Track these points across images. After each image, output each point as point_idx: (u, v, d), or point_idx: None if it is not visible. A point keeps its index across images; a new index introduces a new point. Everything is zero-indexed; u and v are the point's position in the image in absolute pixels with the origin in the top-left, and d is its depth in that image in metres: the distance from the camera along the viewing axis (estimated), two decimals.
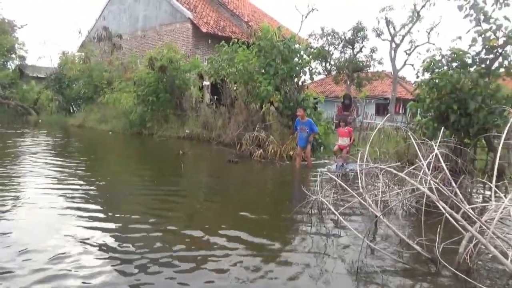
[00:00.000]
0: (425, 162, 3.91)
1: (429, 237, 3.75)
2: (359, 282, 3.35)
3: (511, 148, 8.80)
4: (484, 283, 3.26)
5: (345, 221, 4.30)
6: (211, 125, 13.68)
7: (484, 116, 8.32)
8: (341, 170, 8.13)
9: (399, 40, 22.09)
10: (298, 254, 3.93)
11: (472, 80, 8.47)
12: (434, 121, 9.16)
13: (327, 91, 30.26)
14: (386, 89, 27.97)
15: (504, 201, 3.44)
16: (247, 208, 5.65)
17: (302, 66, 11.53)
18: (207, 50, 19.09)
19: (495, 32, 8.67)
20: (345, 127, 9.16)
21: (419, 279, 3.41)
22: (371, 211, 4.12)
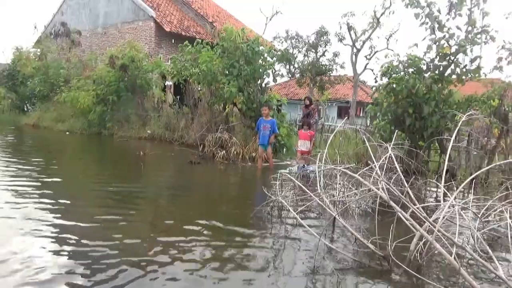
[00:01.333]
0: (378, 163, 4.04)
1: (383, 236, 3.87)
2: (316, 281, 3.40)
3: (461, 151, 9.28)
4: (432, 279, 3.41)
5: (304, 221, 4.37)
6: (174, 126, 13.48)
7: (437, 120, 8.74)
8: (303, 171, 8.25)
9: (360, 45, 22.82)
10: (257, 254, 3.95)
11: (426, 86, 8.88)
12: (391, 124, 9.51)
13: (291, 93, 30.69)
14: (347, 93, 28.74)
15: (452, 200, 3.62)
16: (207, 209, 5.62)
17: (266, 68, 11.61)
18: (170, 50, 18.82)
19: (448, 41, 9.12)
20: (308, 130, 9.28)
21: (373, 277, 3.51)
22: (329, 211, 4.20)
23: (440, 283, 3.34)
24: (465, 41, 8.82)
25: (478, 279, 3.53)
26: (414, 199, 3.77)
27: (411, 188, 5.06)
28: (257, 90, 11.36)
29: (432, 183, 5.63)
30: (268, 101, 11.18)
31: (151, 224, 4.86)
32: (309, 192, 4.37)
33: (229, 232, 4.59)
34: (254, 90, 11.29)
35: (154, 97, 15.61)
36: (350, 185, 5.60)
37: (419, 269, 3.47)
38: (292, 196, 5.26)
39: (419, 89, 8.71)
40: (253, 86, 11.33)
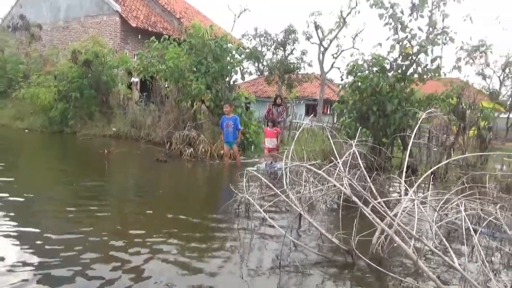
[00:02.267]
0: (341, 160, 4.13)
1: (347, 231, 3.95)
2: (282, 277, 3.44)
3: (422, 147, 9.63)
4: (393, 270, 3.53)
5: (270, 218, 4.40)
6: (140, 123, 13.20)
7: (400, 117, 9.03)
8: (270, 168, 8.30)
9: (327, 44, 23.18)
10: (224, 251, 3.95)
11: (389, 84, 9.15)
12: (356, 121, 9.73)
13: (259, 91, 30.78)
14: (315, 91, 29.15)
15: (410, 195, 3.75)
16: (175, 207, 5.55)
17: (234, 66, 11.58)
18: (137, 46, 18.40)
19: (410, 41, 9.43)
20: (273, 128, 9.33)
21: (337, 270, 3.58)
22: (294, 208, 4.25)
23: (400, 274, 3.46)
24: (426, 41, 9.16)
25: (436, 269, 3.68)
26: (376, 194, 3.87)
27: (374, 183, 5.21)
28: (225, 88, 11.32)
29: (396, 178, 5.80)
30: (236, 98, 11.16)
31: (115, 223, 4.74)
32: (275, 189, 4.40)
33: (196, 229, 4.57)
34: (222, 87, 11.24)
35: (119, 94, 15.20)
36: (316, 181, 5.69)
37: (381, 261, 3.58)
38: (259, 193, 5.28)
39: (382, 87, 8.96)
40: (221, 83, 11.28)
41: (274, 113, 11.74)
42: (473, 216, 4.54)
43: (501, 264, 3.96)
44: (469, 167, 8.43)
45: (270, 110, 12.09)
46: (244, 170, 5.42)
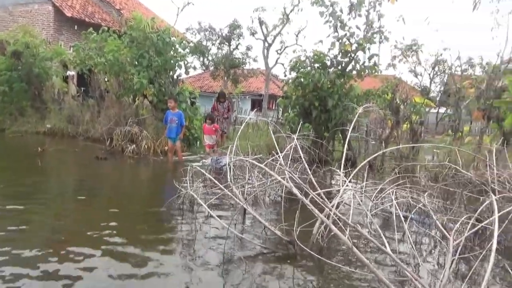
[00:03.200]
0: (282, 154, 4.23)
1: (290, 222, 4.06)
2: (227, 270, 3.46)
3: (361, 141, 10.13)
4: (333, 259, 3.69)
5: (215, 213, 4.40)
6: (78, 119, 12.50)
7: (340, 112, 9.41)
8: (216, 164, 8.28)
9: (271, 40, 23.46)
10: (168, 246, 3.91)
11: (330, 80, 9.48)
12: (299, 116, 9.99)
13: (205, 86, 30.49)
14: (260, 86, 29.43)
15: (348, 186, 3.94)
16: (116, 204, 5.37)
17: (178, 60, 11.35)
18: (73, 37, 17.38)
19: (349, 39, 9.83)
20: (211, 125, 9.29)
21: (280, 261, 3.68)
22: (239, 202, 4.28)
23: (338, 262, 3.63)
24: (364, 40, 9.60)
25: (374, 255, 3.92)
26: (316, 186, 4.01)
27: (316, 176, 5.39)
28: (169, 82, 11.07)
29: (336, 171, 6.05)
30: (180, 93, 10.96)
31: (49, 226, 4.48)
32: (219, 184, 4.40)
33: (139, 226, 4.47)
34: (166, 82, 10.99)
35: (54, 88, 14.27)
36: (261, 175, 5.77)
37: (321, 250, 3.73)
38: (203, 188, 5.26)
39: (324, 83, 9.27)
40: (164, 77, 11.01)
41: (219, 109, 11.59)
42: (405, 204, 4.88)
43: (429, 247, 4.29)
44: (402, 158, 9.00)
45: (215, 106, 11.93)
46: (188, 166, 5.36)
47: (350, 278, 3.40)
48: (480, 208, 3.48)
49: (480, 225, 3.32)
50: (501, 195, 4.37)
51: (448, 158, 7.69)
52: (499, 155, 6.49)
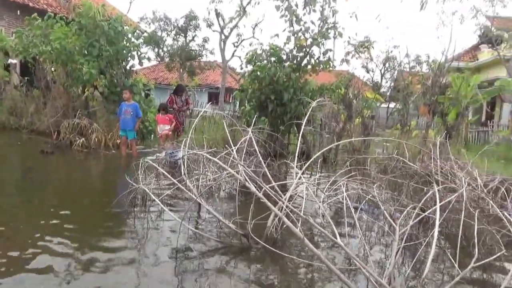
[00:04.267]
0: (235, 147, 4.22)
1: (245, 215, 4.07)
2: (179, 264, 3.41)
3: (316, 134, 10.35)
4: (287, 251, 3.74)
5: (169, 208, 4.31)
6: (21, 111, 11.73)
7: (295, 106, 9.55)
8: (170, 157, 8.11)
9: (228, 33, 23.29)
10: (120, 243, 3.78)
11: (286, 74, 9.57)
12: (255, 109, 10.02)
13: (160, 78, 29.79)
14: (217, 79, 29.18)
15: (302, 179, 4.01)
16: (63, 202, 5.12)
17: (130, 50, 10.95)
18: (15, 23, 16.23)
19: (304, 33, 9.96)
20: (165, 115, 9.09)
21: (234, 255, 3.68)
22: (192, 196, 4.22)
23: (292, 253, 3.69)
24: (318, 35, 9.77)
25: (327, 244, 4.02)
26: (271, 179, 4.04)
27: (271, 169, 5.44)
28: (121, 73, 10.66)
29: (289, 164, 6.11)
30: (133, 85, 10.61)
31: None
32: (171, 178, 4.31)
33: (89, 222, 4.30)
34: (118, 72, 10.57)
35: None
36: (216, 169, 5.73)
37: (275, 242, 3.76)
38: (157, 183, 5.13)
39: (279, 77, 9.35)
40: (116, 68, 10.59)
41: (178, 102, 11.23)
42: (356, 195, 5.04)
43: (378, 236, 4.47)
44: (354, 151, 9.30)
45: (172, 99, 11.51)
46: (141, 160, 5.21)
47: (303, 269, 3.47)
48: (424, 198, 3.66)
49: (424, 214, 3.50)
50: (443, 186, 4.64)
51: (396, 151, 8.05)
52: (443, 148, 6.89)
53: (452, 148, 7.75)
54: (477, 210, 3.64)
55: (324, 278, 3.32)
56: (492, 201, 4.35)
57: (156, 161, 6.67)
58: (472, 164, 6.09)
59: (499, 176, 5.52)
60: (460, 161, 6.35)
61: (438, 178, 5.29)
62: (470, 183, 4.97)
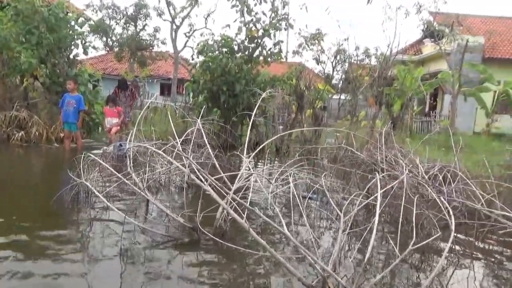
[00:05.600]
0: (180, 139, 4.14)
1: (194, 208, 4.00)
2: (124, 261, 3.29)
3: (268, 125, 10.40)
4: (236, 242, 3.73)
5: (115, 204, 4.15)
6: None
7: (247, 97, 9.54)
8: (120, 151, 7.82)
9: (180, 22, 22.74)
10: (63, 240, 3.59)
11: (237, 65, 9.52)
12: (208, 101, 9.90)
13: (109, 68, 28.61)
14: (170, 70, 28.48)
15: (251, 170, 4.00)
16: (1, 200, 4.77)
17: (74, 38, 10.37)
18: None
19: (255, 24, 9.94)
20: (114, 107, 8.74)
21: (183, 249, 3.61)
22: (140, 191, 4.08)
23: (241, 244, 3.68)
24: (269, 26, 9.79)
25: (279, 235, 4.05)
26: (220, 170, 4.00)
27: (222, 161, 5.40)
28: (64, 63, 10.09)
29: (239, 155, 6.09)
30: (78, 75, 10.08)
31: None
32: (115, 172, 4.14)
33: (28, 223, 4.02)
34: (60, 62, 10.00)
35: None
36: (166, 162, 5.58)
37: (224, 234, 3.73)
38: (100, 177, 4.92)
39: (231, 68, 9.28)
40: (58, 57, 10.00)
41: (121, 98, 10.63)
42: (306, 185, 5.13)
43: (325, 224, 4.58)
44: (306, 142, 9.47)
45: (116, 94, 10.91)
46: (87, 154, 4.96)
47: (252, 260, 3.47)
48: (367, 186, 3.78)
49: (366, 201, 3.62)
50: (387, 173, 4.83)
51: (346, 141, 8.29)
52: (388, 137, 7.18)
53: (397, 137, 8.12)
54: (416, 195, 3.82)
55: (272, 268, 3.34)
56: (431, 187, 4.60)
57: (103, 154, 6.40)
58: (414, 152, 6.40)
59: (439, 163, 5.83)
60: (404, 149, 6.65)
61: (383, 166, 5.51)
62: (412, 170, 5.22)
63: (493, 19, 22.78)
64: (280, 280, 3.12)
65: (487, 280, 3.41)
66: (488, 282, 3.38)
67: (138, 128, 5.38)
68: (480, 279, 3.40)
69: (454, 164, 5.52)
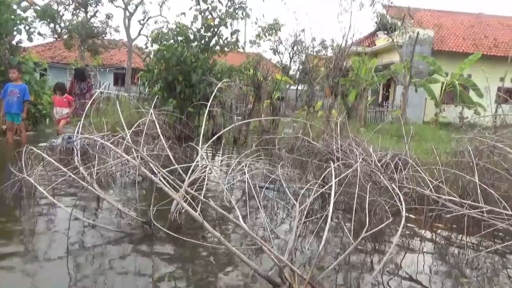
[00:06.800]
0: (130, 131, 3.97)
1: (148, 202, 3.85)
2: (72, 259, 3.11)
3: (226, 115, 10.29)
4: (192, 235, 3.64)
5: (59, 199, 3.91)
6: None
7: (204, 87, 9.36)
8: (68, 143, 7.41)
9: (133, 9, 21.95)
10: (4, 244, 3.32)
11: (193, 54, 9.31)
12: (163, 91, 9.62)
13: (58, 56, 27.13)
14: (124, 59, 27.49)
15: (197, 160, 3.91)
16: None
17: (16, 23, 9.67)
18: None
19: (211, 13, 9.74)
20: (63, 96, 8.27)
21: (136, 244, 3.47)
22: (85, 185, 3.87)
23: (197, 238, 3.60)
24: (226, 14, 9.63)
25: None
26: (174, 162, 3.87)
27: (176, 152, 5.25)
28: (5, 49, 9.40)
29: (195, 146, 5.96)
30: (21, 63, 9.43)
31: None
32: (61, 167, 3.89)
33: None
34: (1, 48, 9.30)
35: None
36: (119, 155, 5.35)
37: (178, 228, 3.63)
38: (47, 172, 4.62)
39: (187, 57, 9.05)
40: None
41: (76, 90, 9.95)
42: (263, 175, 5.11)
43: (282, 214, 4.59)
44: (264, 132, 9.48)
45: (72, 86, 10.20)
46: (30, 147, 4.63)
47: (209, 253, 3.40)
48: (323, 175, 3.82)
49: (321, 190, 3.66)
50: (342, 162, 4.91)
51: (302, 131, 8.37)
52: (343, 127, 7.32)
53: (351, 127, 8.30)
54: (370, 183, 3.91)
55: (229, 260, 3.29)
56: (384, 174, 4.74)
57: (50, 147, 6.03)
58: (368, 141, 6.57)
59: (391, 151, 6.02)
60: (358, 139, 6.81)
61: (338, 155, 5.60)
62: (366, 158, 5.35)
63: (442, 13, 23.90)
64: (236, 272, 3.08)
65: (436, 262, 3.56)
66: (437, 264, 3.53)
67: (88, 119, 5.10)
68: (429, 261, 3.55)
69: (405, 152, 5.72)
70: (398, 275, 3.20)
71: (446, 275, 3.29)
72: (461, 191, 4.79)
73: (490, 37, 21.55)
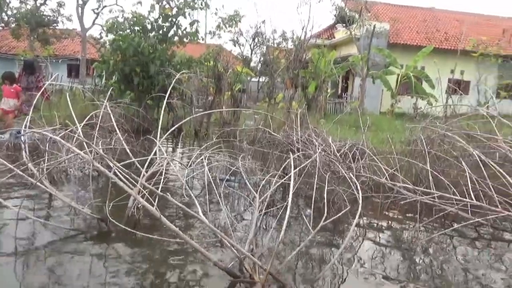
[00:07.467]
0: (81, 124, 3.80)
1: (104, 198, 3.71)
2: (23, 263, 2.94)
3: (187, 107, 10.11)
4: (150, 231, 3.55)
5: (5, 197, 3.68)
6: None
7: (163, 79, 9.13)
8: (17, 138, 6.99)
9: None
10: None
11: (151, 45, 9.04)
12: (120, 83, 9.30)
13: (5, 46, 25.55)
14: (78, 49, 26.26)
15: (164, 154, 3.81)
16: None
17: None
18: None
19: (169, 2, 9.49)
20: (12, 86, 7.78)
21: (92, 242, 3.34)
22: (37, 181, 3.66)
23: (156, 233, 3.51)
24: (184, 4, 9.42)
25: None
26: (131, 155, 3.75)
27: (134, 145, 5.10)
28: None
29: (167, 139, 5.80)
30: None
31: None
32: (6, 163, 3.65)
33: None
34: None
35: None
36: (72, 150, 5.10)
37: (136, 224, 3.53)
38: None
39: (144, 48, 8.79)
40: None
41: (23, 82, 9.15)
42: (224, 167, 5.07)
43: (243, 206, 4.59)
44: (225, 124, 9.40)
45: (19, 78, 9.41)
46: None
47: (168, 248, 3.33)
48: (283, 166, 3.84)
49: (281, 181, 3.68)
50: (302, 153, 4.97)
51: (264, 123, 8.39)
52: (303, 118, 7.41)
53: (311, 118, 8.43)
54: (328, 173, 3.98)
55: (189, 254, 3.24)
56: (342, 164, 4.84)
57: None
58: (327, 132, 6.68)
59: (349, 141, 6.16)
60: (318, 129, 6.91)
61: (298, 146, 5.66)
62: (325, 149, 5.44)
63: (397, 7, 24.69)
64: (196, 266, 3.04)
65: (391, 247, 3.70)
66: (392, 248, 3.67)
67: (38, 113, 4.82)
68: (385, 247, 3.67)
69: (362, 142, 5.87)
70: (356, 262, 3.29)
71: (401, 260, 3.42)
72: (415, 179, 4.99)
73: (442, 31, 22.53)
